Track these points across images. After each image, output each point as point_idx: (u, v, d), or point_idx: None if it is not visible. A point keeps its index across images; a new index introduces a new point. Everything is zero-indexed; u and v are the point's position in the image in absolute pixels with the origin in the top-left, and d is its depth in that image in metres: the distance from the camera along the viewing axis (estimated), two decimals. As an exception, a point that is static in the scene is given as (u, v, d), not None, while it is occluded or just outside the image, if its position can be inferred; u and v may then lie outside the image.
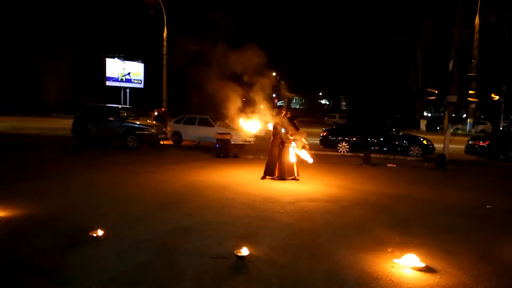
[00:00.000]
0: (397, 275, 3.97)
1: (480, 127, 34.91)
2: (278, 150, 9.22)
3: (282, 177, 9.14)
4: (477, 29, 25.39)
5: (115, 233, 4.89)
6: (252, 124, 9.46)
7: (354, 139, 15.52)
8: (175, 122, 17.52)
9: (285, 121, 9.05)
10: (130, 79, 28.12)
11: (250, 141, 15.97)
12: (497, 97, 30.21)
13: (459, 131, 31.45)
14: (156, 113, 19.06)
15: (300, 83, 51.12)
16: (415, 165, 12.93)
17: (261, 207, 6.58)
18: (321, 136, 16.31)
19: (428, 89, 14.86)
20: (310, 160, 9.13)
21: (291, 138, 8.97)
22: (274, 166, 9.24)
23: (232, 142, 14.33)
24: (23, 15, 36.21)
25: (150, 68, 28.98)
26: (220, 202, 6.83)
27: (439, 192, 8.58)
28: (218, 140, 13.28)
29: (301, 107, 64.48)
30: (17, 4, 35.91)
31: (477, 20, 25.27)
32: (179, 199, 6.95)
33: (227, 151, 13.10)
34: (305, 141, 9.16)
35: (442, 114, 33.34)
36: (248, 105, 9.36)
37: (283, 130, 9.02)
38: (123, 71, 27.50)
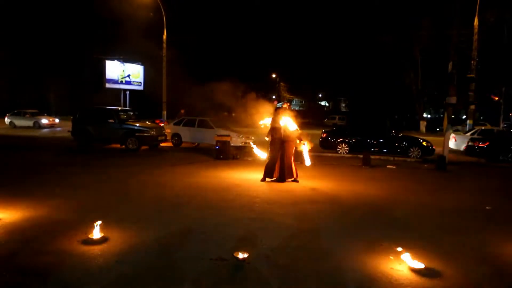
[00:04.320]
0: (396, 276, 3.97)
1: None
2: (277, 151, 9.21)
3: (281, 179, 9.14)
4: (476, 30, 25.37)
5: (114, 235, 4.89)
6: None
7: (353, 140, 15.52)
8: (174, 124, 17.53)
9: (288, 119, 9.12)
10: (130, 81, 28.09)
11: (249, 143, 15.97)
12: (496, 98, 30.22)
13: (459, 132, 31.42)
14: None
15: (299, 85, 51.17)
16: (415, 167, 12.92)
17: (261, 208, 6.58)
18: (321, 138, 16.29)
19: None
20: (308, 162, 9.35)
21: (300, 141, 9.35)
22: (274, 167, 9.24)
23: (232, 144, 14.33)
24: (23, 16, 36.24)
25: (151, 70, 28.99)
26: (219, 203, 6.83)
27: (439, 193, 8.58)
28: (217, 142, 13.28)
29: (300, 108, 64.48)
30: (18, 5, 35.96)
31: (476, 21, 25.26)
32: (178, 201, 6.95)
33: (227, 153, 13.10)
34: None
35: (441, 115, 33.38)
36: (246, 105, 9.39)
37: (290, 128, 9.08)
38: (123, 73, 27.47)
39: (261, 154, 10.39)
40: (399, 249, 4.49)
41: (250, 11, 40.83)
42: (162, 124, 19.01)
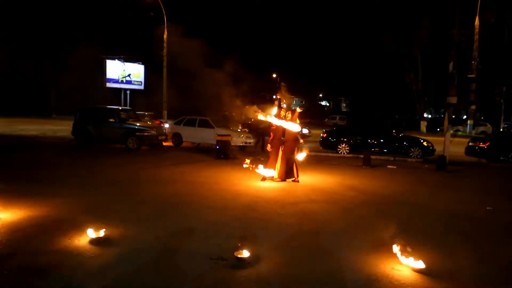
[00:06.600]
0: (397, 276, 3.97)
1: (480, 128, 34.89)
2: (277, 151, 9.22)
3: (282, 179, 9.14)
4: (477, 30, 25.35)
5: (115, 235, 4.89)
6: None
7: (354, 140, 15.52)
8: (175, 123, 17.52)
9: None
10: (131, 81, 28.11)
11: (250, 143, 15.98)
12: (497, 98, 30.21)
13: (460, 133, 31.45)
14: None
15: (300, 85, 51.20)
16: (415, 167, 12.91)
17: (261, 208, 6.58)
18: (321, 138, 16.28)
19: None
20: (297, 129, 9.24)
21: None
22: (274, 167, 9.24)
23: (232, 144, 14.32)
24: (22, 16, 36.22)
25: (151, 69, 29.00)
26: (220, 203, 6.83)
27: (439, 194, 8.57)
28: (218, 141, 13.28)
29: (301, 108, 64.51)
30: (17, 5, 35.94)
31: (477, 21, 25.25)
32: (179, 201, 6.95)
33: (227, 152, 13.10)
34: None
35: (442, 116, 33.35)
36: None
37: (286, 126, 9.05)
38: (123, 72, 27.50)
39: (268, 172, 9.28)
40: (400, 248, 4.48)
41: (250, 11, 40.83)
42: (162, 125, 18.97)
